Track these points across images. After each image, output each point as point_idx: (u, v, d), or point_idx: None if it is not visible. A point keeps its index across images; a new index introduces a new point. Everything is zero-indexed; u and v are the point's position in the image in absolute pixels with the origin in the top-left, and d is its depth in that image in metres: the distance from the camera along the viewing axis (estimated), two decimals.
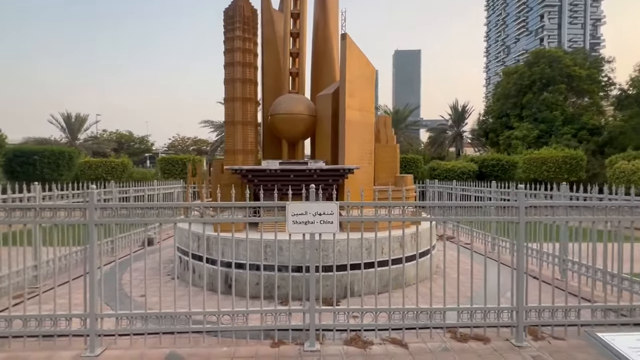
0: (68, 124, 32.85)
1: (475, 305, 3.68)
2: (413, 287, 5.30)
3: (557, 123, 27.43)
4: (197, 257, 5.57)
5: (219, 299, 3.76)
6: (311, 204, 3.49)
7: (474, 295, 5.16)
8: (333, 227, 3.51)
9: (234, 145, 6.43)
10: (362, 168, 6.17)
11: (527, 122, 28.53)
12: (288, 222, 3.49)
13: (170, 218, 3.62)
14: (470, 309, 3.66)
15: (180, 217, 4.07)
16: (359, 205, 3.58)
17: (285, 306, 4.73)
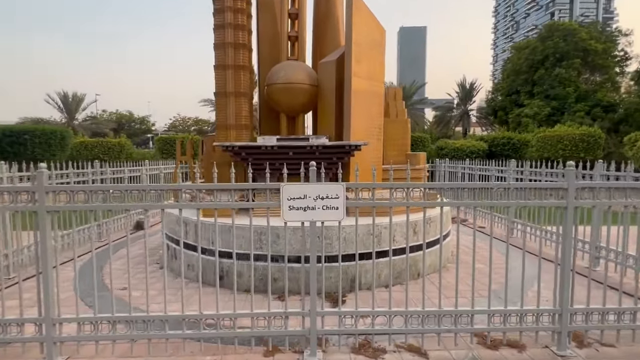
0: (65, 104, 32.06)
1: (510, 307, 3.04)
2: (428, 278, 4.70)
3: (570, 100, 26.33)
4: (186, 245, 4.96)
5: (200, 294, 3.15)
6: (312, 185, 2.83)
7: (498, 287, 4.57)
8: (338, 213, 2.85)
9: (226, 120, 5.72)
10: (370, 145, 5.46)
11: (539, 99, 27.46)
12: (283, 208, 2.84)
13: (139, 204, 2.97)
14: (504, 311, 3.03)
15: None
16: (370, 186, 2.90)
17: (282, 301, 4.15)
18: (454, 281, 4.91)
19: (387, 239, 4.54)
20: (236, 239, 4.47)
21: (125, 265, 5.78)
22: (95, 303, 3.05)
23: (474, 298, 3.11)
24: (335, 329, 3.02)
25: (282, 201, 2.84)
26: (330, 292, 4.35)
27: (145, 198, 2.92)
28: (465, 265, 5.53)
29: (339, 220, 2.88)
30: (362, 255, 4.44)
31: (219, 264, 4.70)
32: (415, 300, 4.14)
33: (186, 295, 4.35)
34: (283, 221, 2.88)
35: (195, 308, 3.87)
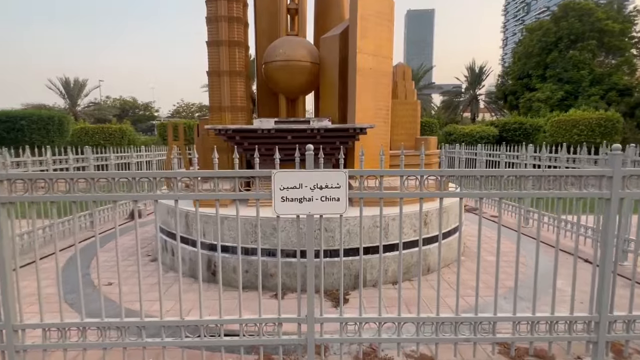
0: (67, 90, 31.67)
1: (539, 314, 2.62)
2: (440, 274, 4.28)
3: (584, 83, 25.34)
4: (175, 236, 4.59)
5: (181, 291, 2.76)
6: (309, 172, 2.40)
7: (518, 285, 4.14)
8: (340, 205, 2.43)
9: (220, 101, 5.28)
10: (377, 128, 4.99)
11: (551, 83, 26.48)
12: (275, 199, 2.42)
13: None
14: (532, 318, 2.61)
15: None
16: (378, 173, 2.46)
17: (276, 299, 3.78)
18: (468, 277, 4.55)
19: (395, 232, 4.12)
20: (229, 231, 4.09)
21: (114, 258, 5.47)
22: (82, 305, 2.68)
23: (497, 300, 2.68)
24: (337, 337, 2.63)
25: (273, 191, 2.42)
26: (332, 289, 3.97)
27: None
28: (476, 257, 5.12)
29: (341, 214, 2.46)
30: (367, 249, 4.04)
31: (211, 258, 4.35)
32: (427, 299, 3.74)
33: (175, 293, 4.02)
34: (275, 214, 2.46)
35: (184, 308, 3.53)
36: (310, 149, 2.41)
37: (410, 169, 2.46)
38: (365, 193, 2.47)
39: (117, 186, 2.51)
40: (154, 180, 2.46)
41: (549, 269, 4.63)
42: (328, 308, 3.59)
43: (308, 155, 2.41)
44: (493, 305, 2.66)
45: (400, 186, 2.47)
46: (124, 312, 2.65)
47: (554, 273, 2.68)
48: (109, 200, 3.09)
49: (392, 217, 4.11)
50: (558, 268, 2.74)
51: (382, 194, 2.47)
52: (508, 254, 5.22)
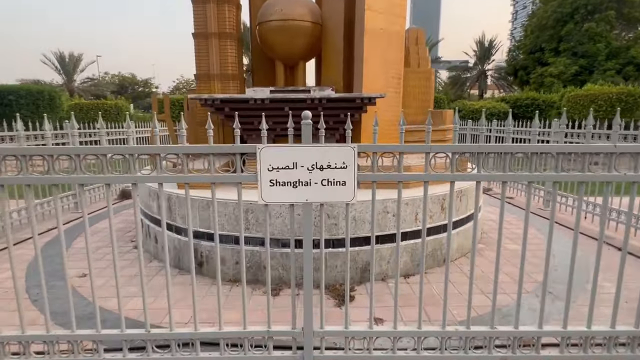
0: (62, 65, 30.73)
1: (596, 328, 2.08)
2: (457, 265, 3.72)
3: (600, 57, 24.14)
4: (157, 222, 4.07)
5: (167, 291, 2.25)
6: (305, 148, 1.81)
7: (548, 280, 3.60)
8: (346, 191, 1.86)
9: (208, 68, 4.64)
10: (387, 99, 4.36)
11: (565, 57, 25.27)
12: (261, 183, 1.84)
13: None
14: (586, 333, 2.07)
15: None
16: (396, 149, 1.87)
17: (274, 296, 3.28)
18: (489, 269, 4.00)
19: (407, 218, 3.57)
20: (217, 217, 3.55)
21: (96, 244, 4.98)
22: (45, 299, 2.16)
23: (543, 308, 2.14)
24: (341, 354, 2.11)
25: (259, 173, 1.84)
26: (335, 283, 3.46)
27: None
28: (495, 246, 4.58)
29: (348, 202, 1.89)
30: (376, 238, 3.49)
31: (198, 247, 3.83)
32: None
33: (157, 287, 3.52)
34: (262, 202, 1.90)
35: (160, 306, 3.03)
36: (308, 116, 1.81)
37: (439, 144, 1.87)
38: (380, 175, 1.89)
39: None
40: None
41: (577, 259, 4.11)
42: (331, 308, 3.08)
43: (305, 125, 1.82)
44: (524, 306, 2.12)
45: (425, 166, 1.88)
46: (96, 313, 2.12)
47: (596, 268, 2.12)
48: (73, 183, 2.55)
49: (405, 202, 3.55)
50: (587, 257, 2.18)
51: (402, 176, 1.89)
52: (531, 242, 4.67)
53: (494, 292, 2.10)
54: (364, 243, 3.47)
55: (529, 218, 2.09)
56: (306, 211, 1.92)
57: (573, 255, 2.07)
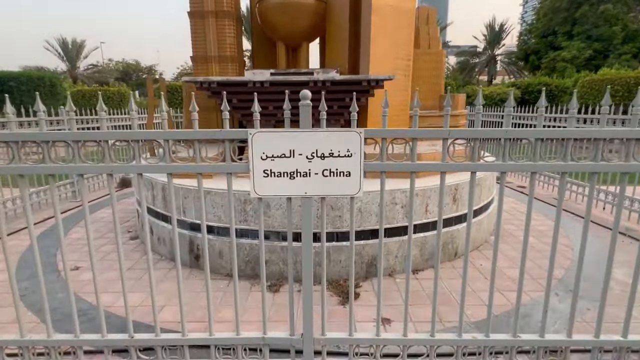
0: (65, 51, 30.45)
1: (634, 338, 1.84)
2: (470, 260, 3.45)
3: (615, 41, 23.29)
4: (155, 214, 3.87)
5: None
6: (305, 133, 1.57)
7: (564, 276, 3.36)
8: (351, 183, 1.62)
9: (205, 50, 4.37)
10: (396, 82, 4.07)
11: (579, 41, 24.44)
12: (254, 173, 1.61)
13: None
14: (621, 343, 1.84)
15: None
16: (409, 135, 1.61)
17: (273, 292, 3.08)
18: (504, 263, 3.69)
19: (418, 210, 3.33)
20: (213, 208, 3.34)
21: (92, 234, 4.77)
22: None
23: (574, 314, 1.90)
24: None
25: (251, 161, 1.61)
26: (339, 279, 3.25)
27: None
28: (510, 238, 4.34)
29: (352, 196, 1.65)
30: (385, 231, 3.26)
31: (194, 239, 3.63)
32: (456, 293, 2.98)
33: (145, 284, 3.30)
34: (256, 196, 1.67)
35: (159, 302, 2.82)
36: (307, 96, 1.56)
37: (457, 129, 1.61)
38: (390, 165, 1.64)
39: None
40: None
41: (598, 253, 3.83)
42: (334, 306, 2.88)
43: (303, 107, 1.58)
44: (543, 306, 1.89)
45: (442, 154, 1.63)
46: (83, 307, 1.94)
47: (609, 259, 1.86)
48: (71, 173, 2.32)
49: (415, 193, 3.29)
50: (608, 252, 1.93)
51: (416, 166, 1.64)
52: (547, 235, 4.42)
53: (518, 294, 1.86)
54: (370, 236, 3.25)
55: (541, 207, 1.83)
56: (305, 206, 1.69)
57: (611, 254, 1.82)
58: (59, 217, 1.78)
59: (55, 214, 1.77)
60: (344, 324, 2.62)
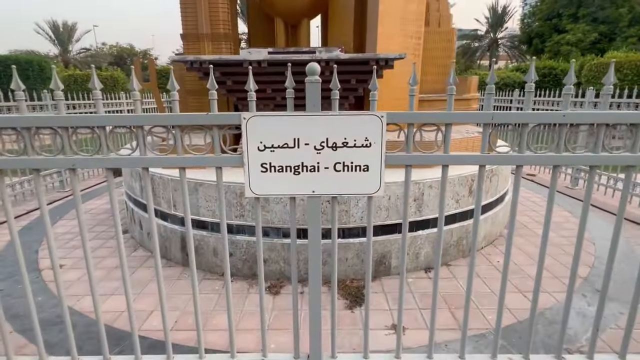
0: (56, 35, 29.58)
1: None
2: (484, 255, 3.15)
3: (622, 23, 22.72)
4: (143, 207, 3.57)
5: None
6: (311, 118, 1.24)
7: (590, 274, 3.09)
8: (369, 179, 1.31)
9: (196, 27, 3.98)
10: (405, 62, 3.72)
11: (584, 24, 23.84)
12: (249, 167, 1.30)
13: None
14: None
15: None
16: (443, 120, 1.29)
17: (274, 294, 2.80)
18: (522, 259, 3.29)
19: (431, 203, 3.03)
20: (206, 202, 3.03)
21: (76, 229, 4.47)
22: None
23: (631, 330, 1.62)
24: None
25: (246, 153, 1.29)
26: (346, 278, 2.98)
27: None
28: (526, 231, 4.06)
29: (370, 195, 1.35)
30: (394, 226, 2.98)
31: (187, 235, 3.32)
32: (476, 296, 2.70)
33: (138, 282, 3.01)
34: (252, 195, 1.36)
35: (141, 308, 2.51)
36: (315, 71, 1.24)
37: (501, 112, 1.29)
38: (419, 157, 1.32)
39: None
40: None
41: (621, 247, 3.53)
42: (341, 310, 2.60)
43: (311, 85, 1.25)
44: (569, 309, 1.61)
45: (482, 143, 1.31)
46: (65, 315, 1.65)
47: None
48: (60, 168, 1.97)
49: (429, 184, 3.00)
50: (632, 247, 1.65)
51: (451, 158, 1.32)
52: (564, 227, 4.14)
53: (566, 308, 1.57)
54: (379, 232, 2.95)
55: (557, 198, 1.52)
56: (312, 206, 1.38)
57: None
58: (47, 225, 1.47)
59: (42, 216, 1.46)
60: (353, 333, 2.35)
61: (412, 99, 1.29)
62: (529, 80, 1.28)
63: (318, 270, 1.47)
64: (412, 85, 1.28)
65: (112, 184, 1.42)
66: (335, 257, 1.49)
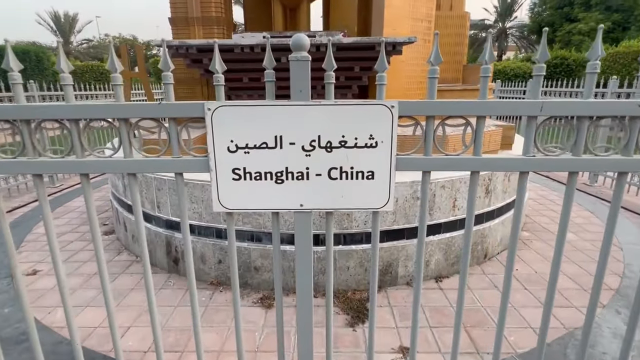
0: (58, 25, 29.26)
1: None
2: (500, 262, 2.80)
3: (636, 12, 21.93)
4: (128, 206, 3.28)
5: None
6: (299, 108, 0.91)
7: (622, 285, 2.74)
8: (375, 189, 0.99)
9: (186, 10, 3.65)
10: (415, 48, 3.39)
11: (597, 12, 23.10)
12: (217, 174, 0.97)
13: None
14: None
15: None
16: (470, 110, 0.95)
17: (265, 307, 2.50)
18: (540, 266, 2.96)
19: (443, 206, 2.71)
20: (192, 203, 2.73)
21: (62, 227, 4.16)
22: None
23: None
24: None
25: (212, 155, 0.97)
26: (347, 289, 2.67)
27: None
28: (544, 234, 3.71)
29: (377, 210, 1.02)
30: (399, 232, 2.66)
31: (171, 240, 3.01)
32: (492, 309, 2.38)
33: (120, 290, 2.69)
34: (222, 209, 1.04)
35: (120, 322, 2.19)
36: (302, 46, 0.91)
37: (551, 100, 0.95)
38: (442, 161, 1.00)
39: None
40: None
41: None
42: (340, 328, 2.30)
43: (297, 64, 0.93)
44: (601, 328, 1.29)
45: (526, 142, 0.98)
46: None
47: None
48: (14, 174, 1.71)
49: (441, 184, 2.67)
50: None
51: (484, 163, 0.99)
52: (587, 229, 3.80)
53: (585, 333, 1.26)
54: (385, 238, 2.64)
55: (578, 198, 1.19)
56: (300, 224, 1.06)
57: None
58: None
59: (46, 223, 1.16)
60: (355, 357, 2.04)
61: (432, 84, 0.96)
62: (593, 58, 0.95)
63: (310, 302, 1.16)
64: (434, 64, 0.95)
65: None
66: (331, 281, 1.18)
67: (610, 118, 0.97)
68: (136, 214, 1.10)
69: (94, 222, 1.11)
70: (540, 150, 1.01)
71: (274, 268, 1.16)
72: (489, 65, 0.96)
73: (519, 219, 1.09)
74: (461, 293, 1.16)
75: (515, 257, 3.17)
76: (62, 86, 0.98)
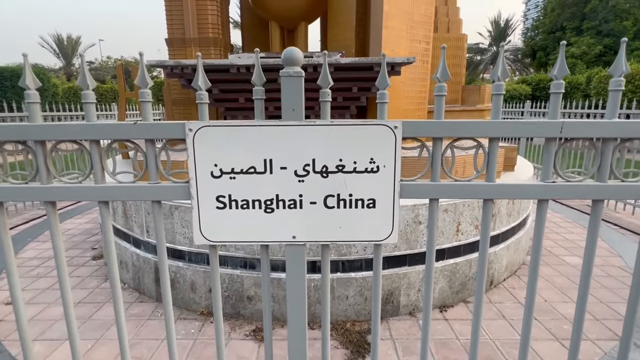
0: (60, 48, 29.73)
1: None
2: (506, 288, 2.65)
3: (627, 36, 22.44)
4: (117, 231, 3.13)
5: None
6: (291, 128, 0.81)
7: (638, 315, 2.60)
8: (377, 219, 0.87)
9: (183, 31, 3.62)
10: (413, 69, 3.36)
11: (588, 37, 23.65)
12: (199, 202, 0.86)
13: None
14: None
15: None
16: (481, 132, 0.85)
17: (258, 341, 2.33)
18: (550, 294, 2.80)
19: (445, 230, 2.59)
20: (182, 227, 2.60)
21: (49, 251, 3.96)
22: None
23: None
24: None
25: (193, 180, 0.86)
26: (347, 320, 2.51)
27: None
28: (552, 258, 3.57)
29: (378, 242, 0.91)
30: (401, 258, 2.52)
31: (164, 267, 2.84)
32: (501, 342, 2.21)
33: (104, 324, 2.52)
34: (204, 242, 0.92)
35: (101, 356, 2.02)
36: (296, 60, 0.82)
37: (574, 120, 0.85)
38: (451, 187, 0.89)
39: None
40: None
41: None
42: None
43: (288, 80, 0.83)
44: None
45: (545, 166, 0.88)
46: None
47: None
48: None
49: (444, 208, 2.55)
50: None
51: (499, 189, 0.88)
52: (596, 253, 3.65)
53: None
54: (386, 265, 2.50)
55: (572, 215, 1.08)
56: (292, 258, 0.94)
57: None
58: None
59: None
60: None
61: (440, 102, 0.86)
62: (616, 74, 0.86)
63: (303, 339, 1.02)
64: (441, 80, 0.86)
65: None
66: (327, 317, 1.05)
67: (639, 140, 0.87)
68: (108, 243, 0.98)
69: (60, 259, 0.98)
70: (560, 176, 0.90)
71: (263, 303, 1.03)
72: (502, 82, 0.86)
73: (539, 256, 0.98)
74: (474, 340, 1.03)
75: (522, 284, 3.03)
76: (27, 104, 0.87)
